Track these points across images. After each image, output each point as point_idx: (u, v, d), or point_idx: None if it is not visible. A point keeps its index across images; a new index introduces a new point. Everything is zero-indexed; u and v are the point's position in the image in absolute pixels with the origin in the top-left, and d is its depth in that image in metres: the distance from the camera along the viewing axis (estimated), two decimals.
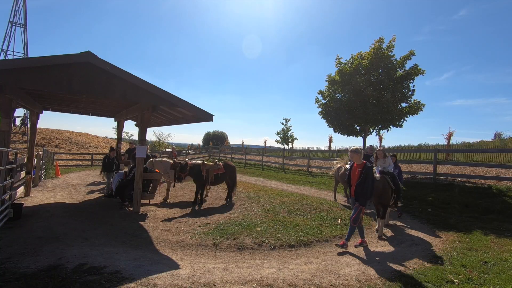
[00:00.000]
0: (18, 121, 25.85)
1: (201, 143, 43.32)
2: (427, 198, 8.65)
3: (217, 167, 8.54)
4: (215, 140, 44.61)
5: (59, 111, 11.31)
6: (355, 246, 5.06)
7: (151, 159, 8.85)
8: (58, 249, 4.37)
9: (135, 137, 36.49)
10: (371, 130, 14.30)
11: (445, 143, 16.87)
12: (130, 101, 7.54)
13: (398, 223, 6.73)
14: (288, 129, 31.73)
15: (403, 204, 8.33)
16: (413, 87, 12.79)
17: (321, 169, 15.17)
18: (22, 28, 28.50)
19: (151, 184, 8.04)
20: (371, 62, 12.87)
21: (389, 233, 5.98)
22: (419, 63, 12.68)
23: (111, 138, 37.50)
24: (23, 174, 8.86)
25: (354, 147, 5.01)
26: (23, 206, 6.41)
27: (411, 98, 12.82)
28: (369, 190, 4.86)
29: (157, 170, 8.38)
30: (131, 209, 7.25)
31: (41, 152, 11.42)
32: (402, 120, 13.08)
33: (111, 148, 10.01)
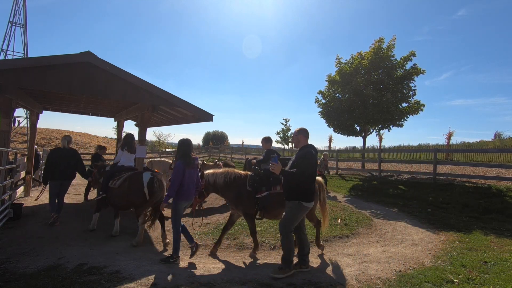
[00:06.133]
0: (22, 122, 25.72)
1: (201, 143, 43.31)
2: (427, 198, 8.65)
3: (217, 167, 8.54)
4: (215, 140, 44.58)
5: (59, 111, 11.29)
6: None
7: (150, 159, 8.84)
8: (58, 249, 4.38)
9: (135, 137, 36.40)
10: (371, 130, 14.31)
11: (445, 143, 16.90)
12: (130, 101, 7.53)
13: (399, 223, 6.73)
14: (288, 129, 31.73)
15: (402, 204, 8.32)
16: (414, 87, 12.80)
17: None
18: (22, 28, 28.45)
19: None
20: (371, 62, 12.87)
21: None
22: (419, 63, 12.74)
23: (111, 138, 37.53)
24: (23, 174, 8.84)
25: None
26: (23, 206, 6.40)
27: (412, 98, 12.84)
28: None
29: (156, 170, 8.37)
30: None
31: (41, 152, 11.41)
32: (402, 120, 13.09)
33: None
